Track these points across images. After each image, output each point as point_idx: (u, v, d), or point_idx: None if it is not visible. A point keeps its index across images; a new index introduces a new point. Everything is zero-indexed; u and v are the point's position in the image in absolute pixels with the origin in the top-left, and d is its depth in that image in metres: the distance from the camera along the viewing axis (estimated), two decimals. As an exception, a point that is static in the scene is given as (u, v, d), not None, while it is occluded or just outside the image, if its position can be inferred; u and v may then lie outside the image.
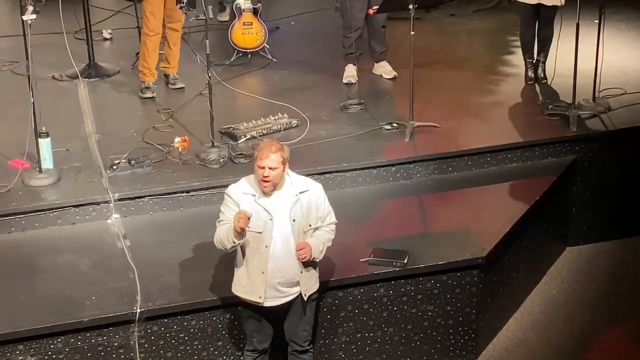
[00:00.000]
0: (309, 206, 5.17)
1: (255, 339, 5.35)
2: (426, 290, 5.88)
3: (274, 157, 5.00)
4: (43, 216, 6.18)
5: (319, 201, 5.21)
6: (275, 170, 5.02)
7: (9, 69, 8.35)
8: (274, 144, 5.10)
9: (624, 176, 7.22)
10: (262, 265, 5.10)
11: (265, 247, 5.07)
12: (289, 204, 5.11)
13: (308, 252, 5.10)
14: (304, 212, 5.14)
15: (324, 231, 5.25)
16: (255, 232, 5.06)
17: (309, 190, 5.19)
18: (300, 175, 5.31)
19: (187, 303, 5.48)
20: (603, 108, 7.40)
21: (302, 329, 5.34)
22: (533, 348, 6.24)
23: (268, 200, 5.10)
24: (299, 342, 5.37)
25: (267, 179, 5.02)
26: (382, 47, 8.19)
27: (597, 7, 7.39)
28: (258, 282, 5.12)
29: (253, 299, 5.16)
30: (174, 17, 7.71)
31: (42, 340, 5.28)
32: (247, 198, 5.10)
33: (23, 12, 6.11)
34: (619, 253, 7.19)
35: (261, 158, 5.02)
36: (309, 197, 5.17)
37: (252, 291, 5.15)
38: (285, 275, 5.14)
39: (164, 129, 7.19)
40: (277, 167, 5.02)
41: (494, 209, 6.45)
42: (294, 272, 5.16)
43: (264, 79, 8.37)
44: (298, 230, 5.12)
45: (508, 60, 8.70)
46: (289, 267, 5.13)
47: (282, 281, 5.14)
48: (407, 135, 7.01)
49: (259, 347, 5.37)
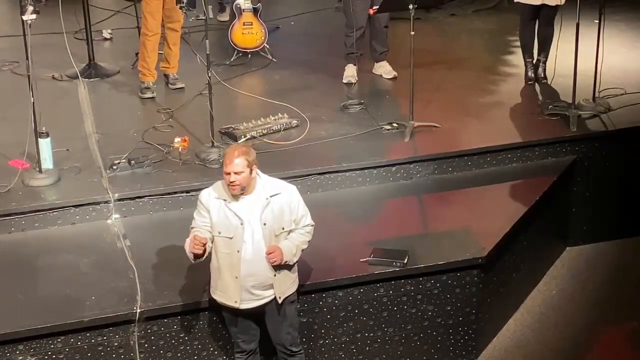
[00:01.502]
0: (281, 209, 5.12)
1: (241, 340, 5.34)
2: (426, 290, 5.88)
3: (237, 162, 4.98)
4: (43, 216, 6.18)
5: (292, 204, 5.16)
6: (242, 174, 4.99)
7: (9, 69, 8.35)
8: (238, 148, 5.08)
9: (624, 176, 7.22)
10: (234, 270, 5.08)
11: (237, 251, 5.05)
12: (259, 208, 5.07)
13: (278, 255, 5.05)
14: (275, 215, 5.09)
15: (298, 234, 5.20)
16: (226, 237, 5.06)
17: (281, 194, 5.13)
18: (274, 178, 5.26)
19: (187, 303, 5.48)
20: (603, 108, 7.40)
21: (285, 332, 5.31)
22: (533, 348, 6.24)
23: (238, 205, 5.07)
24: (285, 346, 5.34)
25: (234, 184, 5.01)
26: (383, 48, 8.19)
27: (597, 7, 7.39)
28: (232, 286, 5.10)
29: (230, 303, 5.15)
30: (173, 17, 7.71)
31: (42, 340, 5.28)
32: (218, 203, 5.09)
33: (23, 12, 6.11)
34: (619, 253, 7.19)
35: (226, 164, 5.01)
36: (280, 200, 5.12)
37: (228, 296, 5.14)
38: (258, 278, 5.10)
39: (164, 129, 7.19)
40: (243, 170, 4.98)
41: (494, 209, 6.45)
42: (267, 276, 5.11)
43: (264, 79, 8.37)
44: (269, 234, 5.08)
45: (508, 60, 8.70)
46: (261, 270, 5.09)
47: (255, 284, 5.11)
48: (407, 135, 7.01)
49: (247, 348, 5.36)
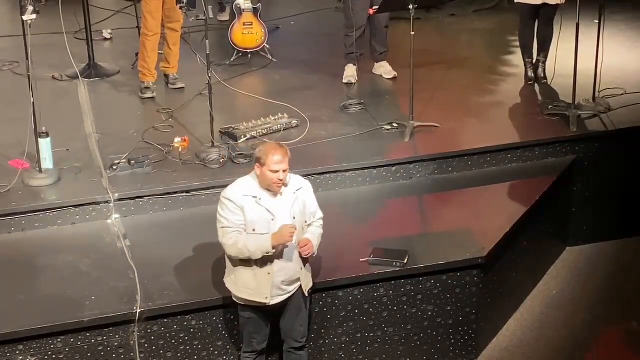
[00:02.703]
0: (304, 203, 5.21)
1: (255, 340, 5.34)
2: (426, 290, 5.88)
3: (287, 160, 5.05)
4: (43, 216, 6.18)
5: (310, 197, 5.27)
6: (287, 172, 5.07)
7: (9, 69, 8.35)
8: (281, 147, 5.11)
9: (624, 176, 7.22)
10: (268, 266, 5.11)
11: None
12: (288, 203, 5.13)
13: (310, 247, 5.14)
14: (301, 209, 5.18)
15: (315, 227, 5.29)
16: (260, 234, 5.07)
17: (303, 188, 5.23)
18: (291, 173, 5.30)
19: (187, 303, 5.48)
20: (603, 108, 7.40)
21: (300, 324, 5.36)
22: (533, 348, 6.24)
23: (269, 201, 5.11)
24: (296, 339, 5.37)
25: (282, 182, 5.05)
26: (383, 48, 8.19)
27: (597, 7, 7.40)
28: (264, 283, 5.12)
29: (259, 299, 5.16)
30: (172, 17, 7.71)
31: (42, 340, 5.28)
32: (248, 200, 5.09)
33: (23, 12, 6.11)
34: (619, 253, 7.19)
35: (276, 162, 5.01)
36: (303, 194, 5.21)
37: (258, 293, 5.15)
38: (288, 273, 5.16)
39: (164, 129, 7.19)
40: (288, 167, 5.07)
41: (494, 209, 6.45)
42: (296, 270, 5.19)
43: (264, 79, 8.37)
44: (298, 228, 5.14)
45: (508, 60, 8.70)
46: (292, 265, 5.16)
47: (285, 279, 5.16)
48: (407, 135, 7.01)
49: (258, 348, 5.37)
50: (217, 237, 5.13)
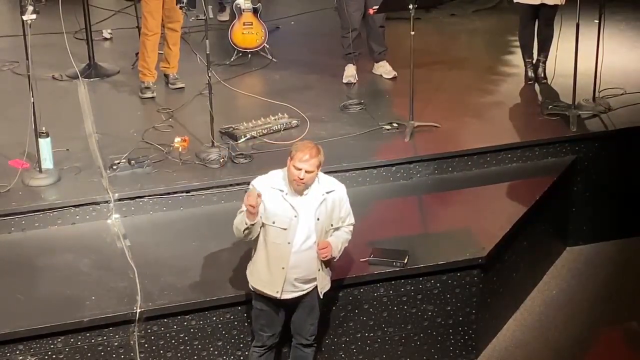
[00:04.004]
0: (333, 206, 5.19)
1: (266, 334, 5.35)
2: (426, 290, 5.88)
3: (313, 162, 5.01)
4: (43, 216, 6.18)
5: (342, 201, 5.24)
6: (311, 174, 5.03)
7: (9, 69, 8.35)
8: (315, 147, 5.08)
9: (624, 176, 7.22)
10: (283, 261, 5.11)
11: (288, 243, 5.09)
12: (315, 203, 5.12)
13: (329, 251, 5.14)
14: (327, 211, 5.16)
15: (343, 231, 5.29)
16: (279, 228, 5.08)
17: (335, 191, 5.20)
18: (327, 175, 5.30)
19: (187, 303, 5.48)
20: (603, 108, 7.40)
21: (310, 323, 5.38)
22: (533, 348, 6.24)
23: (296, 198, 5.10)
24: (305, 336, 5.39)
25: (302, 181, 5.03)
26: (380, 47, 8.18)
27: (597, 7, 7.39)
28: (277, 276, 5.14)
29: (270, 292, 5.18)
30: (172, 17, 7.71)
31: (42, 340, 5.28)
32: (274, 193, 5.09)
33: (23, 12, 6.11)
34: (619, 253, 7.19)
35: (300, 160, 5.00)
36: (333, 197, 5.19)
37: (271, 284, 5.16)
38: (304, 272, 5.17)
39: (164, 129, 7.19)
40: (313, 170, 5.03)
41: (494, 209, 6.45)
42: (313, 270, 5.19)
43: (264, 79, 8.36)
44: (321, 229, 5.15)
45: (508, 60, 8.69)
46: (309, 264, 5.16)
47: (299, 277, 5.17)
48: (407, 135, 7.01)
49: (268, 343, 5.38)
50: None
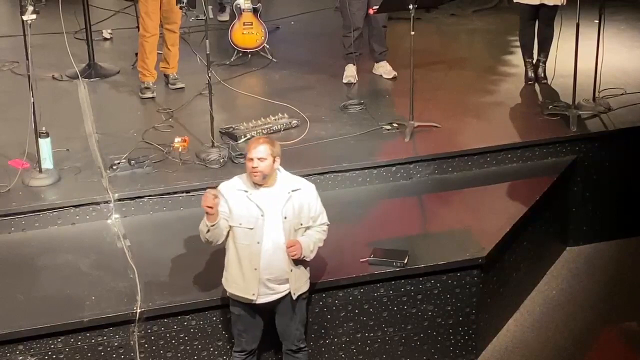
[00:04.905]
0: (301, 205, 5.19)
1: (244, 339, 5.35)
2: (426, 290, 5.88)
3: (262, 149, 5.06)
4: (43, 216, 6.18)
5: (311, 201, 5.24)
6: (265, 162, 5.06)
7: (9, 69, 8.35)
8: (263, 137, 5.22)
9: (624, 176, 7.22)
10: (254, 261, 5.12)
11: (257, 243, 5.10)
12: (281, 201, 5.13)
13: (298, 249, 5.13)
14: (295, 210, 5.16)
15: (315, 231, 5.28)
16: (246, 228, 5.09)
17: (301, 189, 5.22)
18: (294, 175, 5.33)
19: (187, 303, 5.48)
20: (603, 108, 7.40)
21: (295, 328, 5.35)
22: (533, 348, 6.24)
23: (260, 197, 5.12)
24: (292, 342, 5.38)
25: (257, 170, 5.06)
26: (382, 47, 8.19)
27: (597, 7, 7.39)
28: (251, 278, 5.14)
29: (246, 295, 5.18)
30: (170, 19, 7.71)
31: (42, 340, 5.28)
32: (239, 194, 5.14)
33: (23, 12, 6.11)
34: (619, 253, 7.19)
35: (250, 150, 5.09)
36: (300, 196, 5.20)
37: (246, 288, 5.17)
38: (275, 272, 5.15)
39: (164, 129, 7.19)
40: (266, 157, 5.06)
41: (494, 209, 6.45)
42: (284, 270, 5.17)
43: (264, 79, 8.37)
44: (289, 228, 5.14)
45: (508, 60, 8.70)
46: (279, 264, 5.15)
47: (271, 278, 5.16)
48: (407, 135, 7.01)
49: (247, 348, 5.37)
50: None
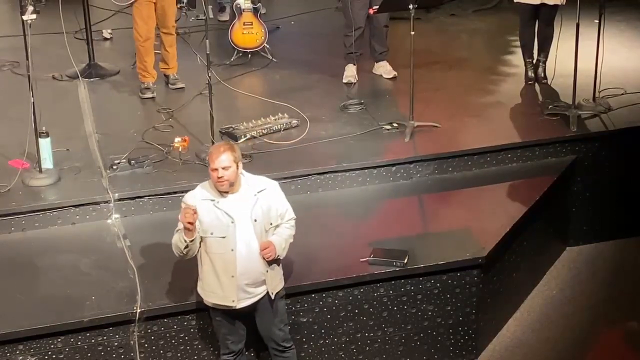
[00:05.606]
0: (269, 205, 5.16)
1: (230, 341, 5.34)
2: (426, 290, 5.88)
3: (224, 157, 5.01)
4: (43, 216, 6.18)
5: (277, 199, 5.22)
6: (229, 170, 5.02)
7: (9, 69, 8.35)
8: (222, 145, 5.13)
9: (624, 176, 7.22)
10: (230, 269, 5.08)
11: (231, 250, 5.06)
12: (249, 205, 5.10)
13: (272, 250, 5.10)
14: (264, 211, 5.13)
15: (285, 228, 5.25)
16: (219, 237, 5.06)
17: (266, 189, 5.18)
18: (255, 175, 5.29)
19: (187, 303, 5.48)
20: (603, 108, 7.40)
21: (278, 328, 5.34)
22: (533, 348, 6.24)
23: (227, 204, 5.08)
24: (277, 342, 5.37)
25: (223, 179, 5.02)
26: (382, 47, 8.19)
27: (597, 7, 7.39)
28: (229, 286, 5.11)
29: (226, 303, 5.15)
30: (165, 23, 7.71)
31: (42, 340, 5.28)
32: (206, 204, 5.09)
33: (23, 12, 6.11)
34: (619, 253, 7.19)
35: (212, 160, 5.03)
36: (267, 196, 5.17)
37: (225, 297, 5.14)
38: (252, 276, 5.12)
39: (164, 129, 7.19)
40: (230, 165, 5.01)
41: (494, 209, 6.45)
42: (260, 272, 5.14)
43: (264, 79, 8.37)
44: (260, 230, 5.11)
45: (508, 60, 8.70)
46: (255, 267, 5.12)
47: (249, 282, 5.13)
48: (407, 135, 7.01)
49: (235, 349, 5.36)
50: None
